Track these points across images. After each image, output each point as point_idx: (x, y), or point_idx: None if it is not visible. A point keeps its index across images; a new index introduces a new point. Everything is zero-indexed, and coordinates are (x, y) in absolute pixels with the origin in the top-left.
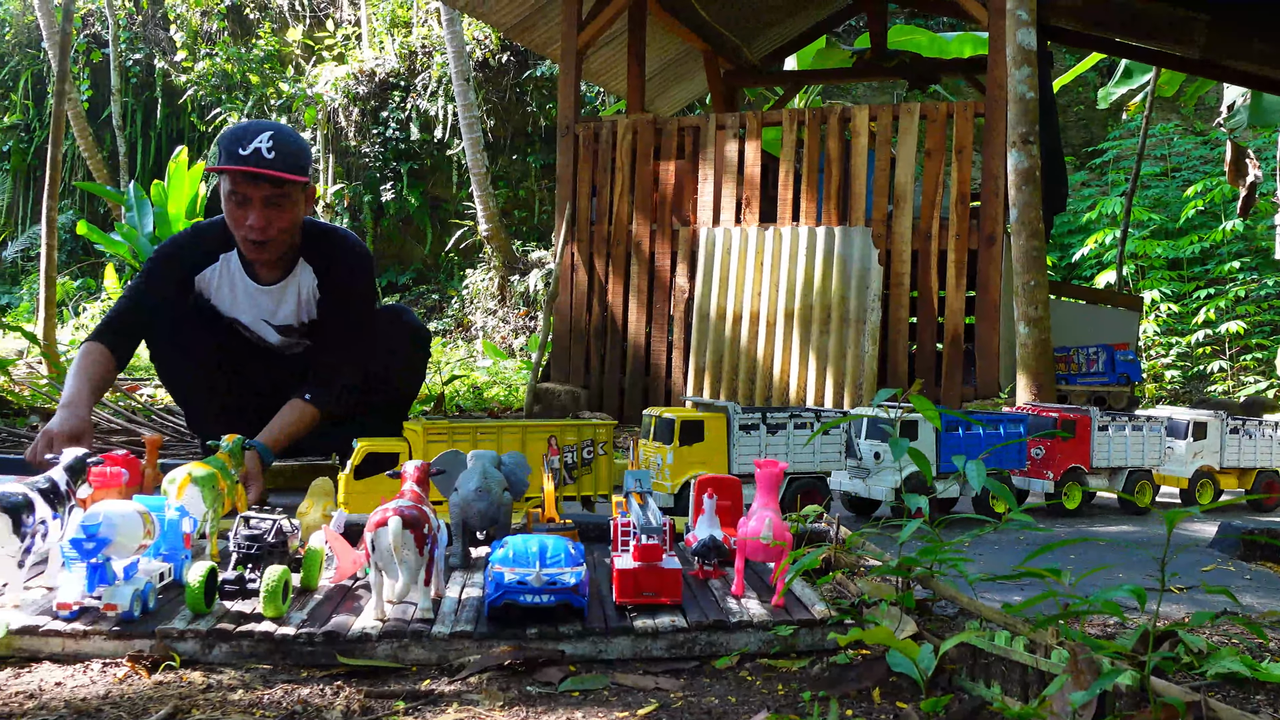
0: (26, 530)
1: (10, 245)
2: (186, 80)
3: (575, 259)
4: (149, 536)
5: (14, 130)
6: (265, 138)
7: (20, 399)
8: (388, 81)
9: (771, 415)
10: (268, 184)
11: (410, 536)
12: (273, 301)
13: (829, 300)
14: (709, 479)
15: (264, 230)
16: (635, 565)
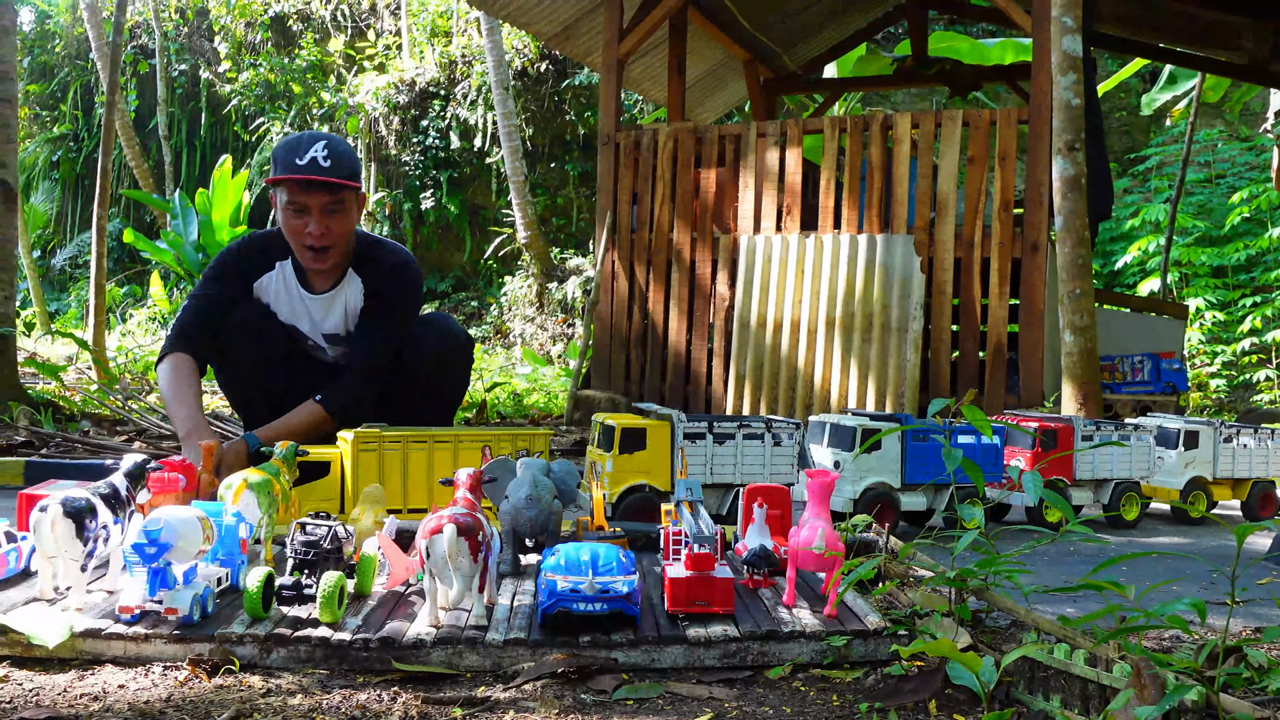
0: (89, 535)
1: (59, 253)
2: (230, 90)
3: (616, 267)
4: (208, 542)
5: (63, 140)
6: (320, 147)
7: (72, 404)
8: (428, 90)
9: (719, 425)
10: (324, 192)
11: (465, 544)
12: (322, 310)
13: (870, 308)
14: (758, 488)
15: (322, 237)
16: (687, 574)
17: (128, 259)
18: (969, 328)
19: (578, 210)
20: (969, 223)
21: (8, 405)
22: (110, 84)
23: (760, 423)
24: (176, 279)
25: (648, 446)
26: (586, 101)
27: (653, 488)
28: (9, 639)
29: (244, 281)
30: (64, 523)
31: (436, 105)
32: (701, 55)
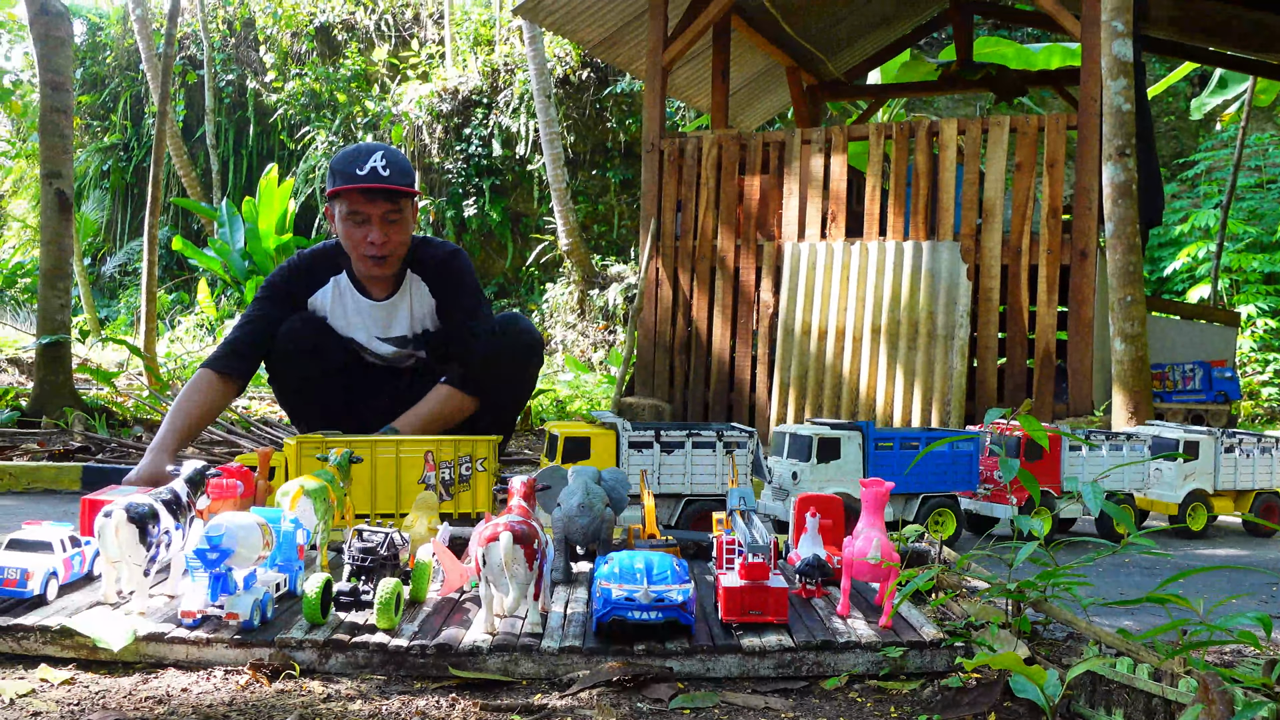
0: (152, 540)
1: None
2: (277, 100)
3: (660, 274)
4: (267, 548)
5: (113, 150)
6: (379, 157)
7: (124, 410)
8: (470, 99)
9: (666, 433)
10: (385, 201)
11: (521, 551)
12: (386, 316)
13: (916, 316)
14: (810, 497)
15: (384, 245)
16: (741, 583)
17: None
18: (1016, 335)
19: (619, 217)
20: (1016, 229)
21: (63, 411)
22: (162, 94)
23: (711, 431)
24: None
25: (591, 455)
26: (628, 109)
27: None
28: (75, 642)
29: (293, 301)
30: (128, 528)
31: (479, 113)
32: (745, 62)
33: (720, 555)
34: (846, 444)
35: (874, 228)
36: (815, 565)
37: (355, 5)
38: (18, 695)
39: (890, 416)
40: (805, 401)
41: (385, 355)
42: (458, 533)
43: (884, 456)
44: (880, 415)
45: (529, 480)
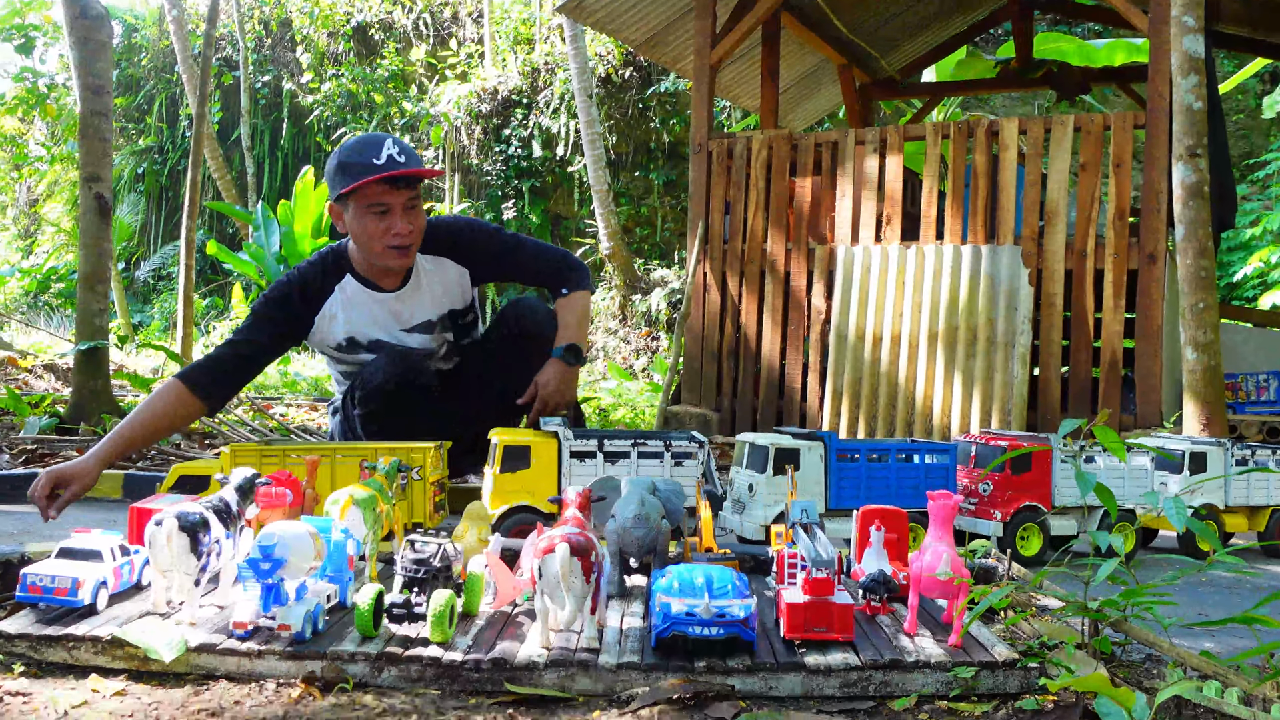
0: (203, 549)
1: (142, 265)
2: (313, 101)
3: (708, 278)
4: (319, 558)
5: (148, 152)
6: (391, 144)
7: None
8: (510, 99)
9: (610, 442)
10: (407, 188)
11: (578, 564)
12: (404, 306)
13: (976, 321)
14: (874, 510)
15: (409, 234)
16: (805, 599)
17: (209, 270)
18: (1081, 342)
19: (662, 220)
20: (1081, 232)
21: (101, 417)
22: (200, 96)
23: (658, 440)
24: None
25: (531, 464)
26: (672, 108)
27: (535, 510)
28: (126, 652)
29: (293, 324)
30: (179, 537)
31: (519, 114)
32: (795, 60)
33: (782, 570)
34: (806, 455)
35: (930, 231)
36: (881, 581)
37: (393, 4)
38: (71, 706)
39: (948, 426)
40: (859, 410)
41: (413, 346)
42: (509, 544)
43: (847, 469)
44: (937, 425)
45: (584, 490)
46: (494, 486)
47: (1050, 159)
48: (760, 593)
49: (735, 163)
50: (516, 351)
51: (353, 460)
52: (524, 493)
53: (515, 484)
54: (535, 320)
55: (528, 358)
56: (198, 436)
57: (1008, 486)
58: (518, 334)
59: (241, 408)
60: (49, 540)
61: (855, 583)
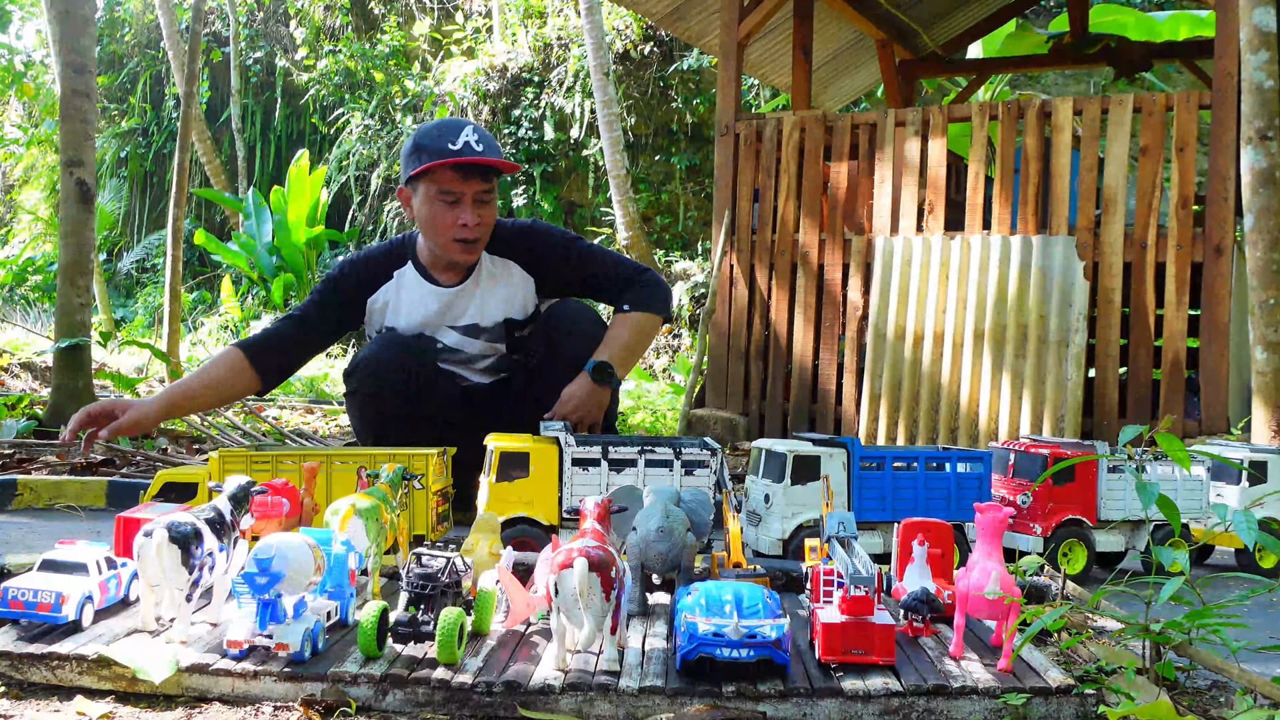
0: (195, 562)
1: (125, 256)
2: (308, 79)
3: (735, 271)
4: (319, 572)
5: (131, 135)
6: (470, 131)
7: None
8: (520, 77)
9: (616, 449)
10: (480, 178)
11: (597, 580)
12: (455, 303)
13: (1026, 319)
14: (917, 523)
15: (477, 228)
16: (842, 619)
17: (197, 262)
18: (1140, 342)
19: (685, 207)
20: (1141, 221)
21: None
22: (188, 74)
23: (667, 447)
24: (249, 284)
25: (530, 473)
26: (695, 87)
27: (534, 522)
28: (113, 672)
29: (351, 297)
30: (170, 549)
31: (530, 93)
32: (830, 35)
33: (817, 587)
34: (827, 463)
35: (977, 220)
36: (924, 600)
37: None
38: None
39: (995, 433)
40: (899, 414)
41: (451, 345)
42: (521, 558)
43: (871, 479)
44: (984, 431)
45: (604, 501)
46: (490, 496)
47: (1108, 142)
48: (794, 612)
49: (765, 146)
50: (553, 370)
51: (351, 467)
52: (522, 503)
53: (513, 494)
54: (571, 336)
55: (562, 377)
56: (185, 440)
57: (1048, 498)
58: (551, 354)
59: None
60: (31, 552)
61: (896, 601)
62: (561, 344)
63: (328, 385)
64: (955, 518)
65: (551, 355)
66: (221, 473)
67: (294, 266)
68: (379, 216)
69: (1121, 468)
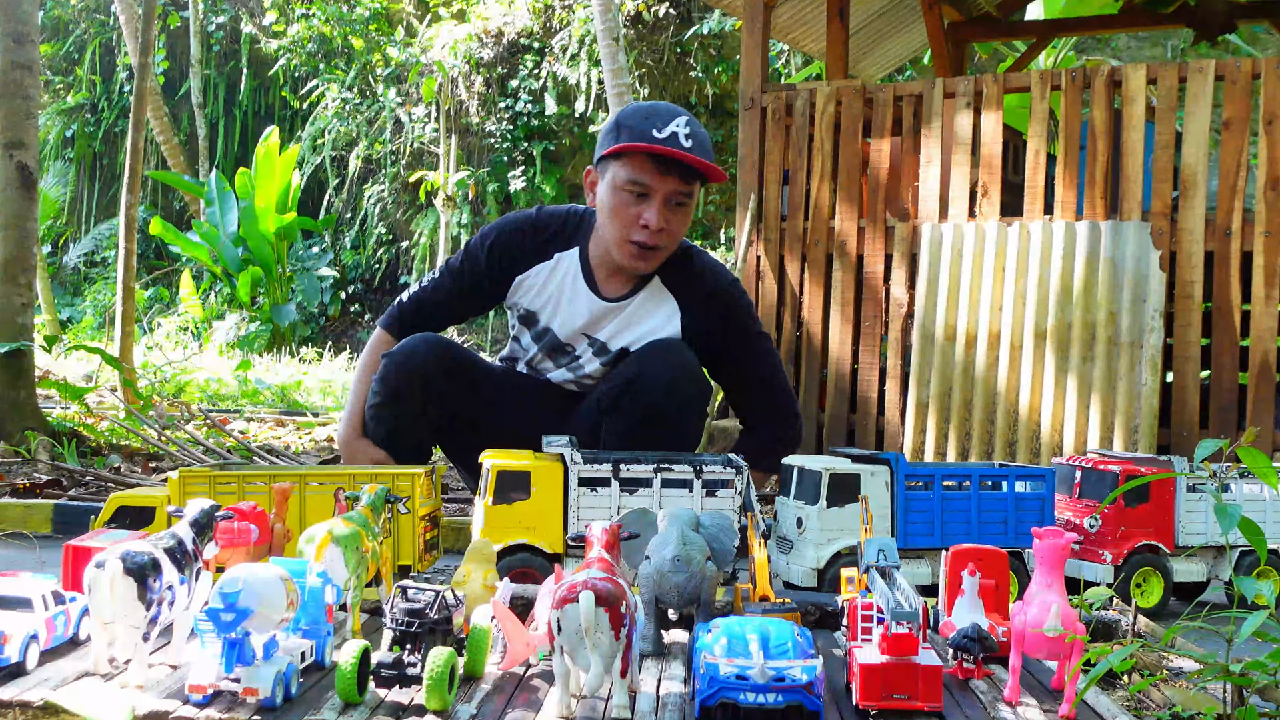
0: (153, 597)
1: (71, 248)
2: (278, 48)
3: (762, 263)
4: (291, 608)
5: (78, 111)
6: (683, 122)
7: (98, 434)
8: (518, 43)
9: (628, 467)
10: (679, 177)
11: (605, 616)
12: (612, 319)
13: (1094, 316)
14: (968, 551)
15: (660, 233)
16: (883, 659)
17: (153, 255)
18: (1224, 342)
19: (705, 191)
20: (1224, 205)
21: (25, 435)
22: (144, 42)
23: (687, 465)
24: (211, 280)
25: (531, 494)
26: (717, 54)
27: (535, 549)
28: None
29: (507, 264)
30: (124, 582)
31: (529, 61)
32: None
33: (854, 624)
34: (868, 482)
35: (1038, 204)
36: (975, 637)
37: None
38: None
39: (1059, 446)
40: (949, 426)
41: (583, 366)
42: (520, 591)
43: (918, 500)
44: (1046, 444)
45: (613, 526)
46: (486, 521)
47: (1186, 115)
48: (828, 652)
49: (796, 121)
50: (625, 421)
51: (328, 488)
52: (522, 529)
53: (512, 518)
54: (661, 394)
55: (636, 431)
56: (140, 458)
57: (1120, 521)
58: (629, 406)
59: (193, 423)
60: None
61: (944, 640)
62: (641, 397)
63: (300, 394)
64: (1012, 544)
65: (628, 398)
66: (182, 495)
67: (262, 259)
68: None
69: (1201, 486)
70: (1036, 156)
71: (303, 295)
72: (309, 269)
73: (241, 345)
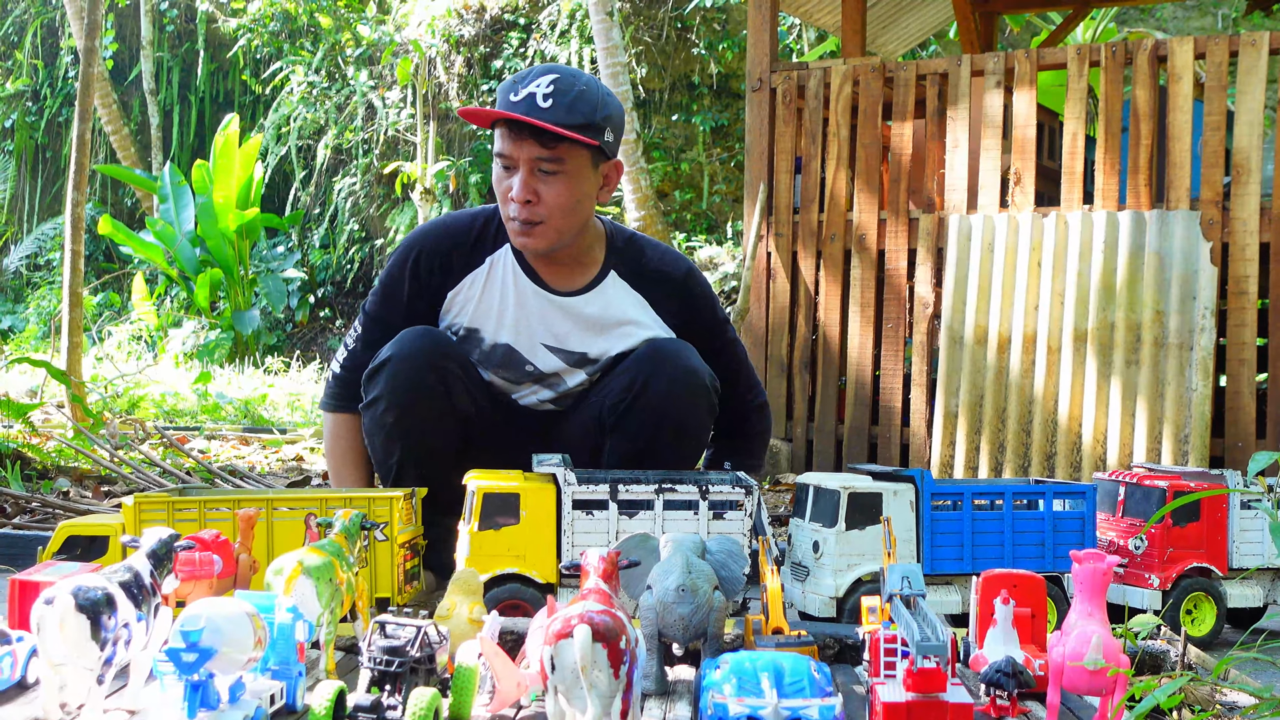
0: (107, 636)
1: (12, 251)
2: (237, 27)
3: (773, 259)
4: (259, 646)
5: (18, 99)
6: (546, 81)
7: (44, 455)
8: (501, 19)
9: (627, 488)
10: (535, 142)
11: (603, 652)
12: (567, 318)
13: (1138, 316)
14: (1001, 576)
15: (528, 206)
16: (908, 697)
17: (102, 257)
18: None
19: (709, 180)
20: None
21: None
22: (90, 23)
23: (691, 485)
24: (166, 284)
25: (521, 518)
26: (721, 29)
27: (526, 579)
28: None
29: (424, 290)
30: (76, 619)
31: (514, 39)
32: None
33: (877, 658)
34: (891, 502)
35: (1075, 192)
36: (1010, 672)
37: None
38: None
39: (1101, 459)
40: (980, 438)
41: (547, 370)
42: (510, 625)
43: (946, 520)
44: (1087, 457)
45: (611, 554)
46: (471, 548)
47: (1238, 92)
48: (848, 689)
49: (809, 103)
50: (634, 438)
51: (298, 514)
52: (511, 557)
53: (500, 544)
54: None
55: (645, 448)
56: (91, 481)
57: (1168, 542)
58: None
59: (148, 442)
60: None
61: (976, 674)
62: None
63: (265, 409)
64: (1050, 569)
65: (640, 403)
66: (137, 523)
67: (222, 260)
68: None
69: (1257, 503)
70: (1074, 140)
71: (267, 299)
72: (274, 270)
73: (200, 355)
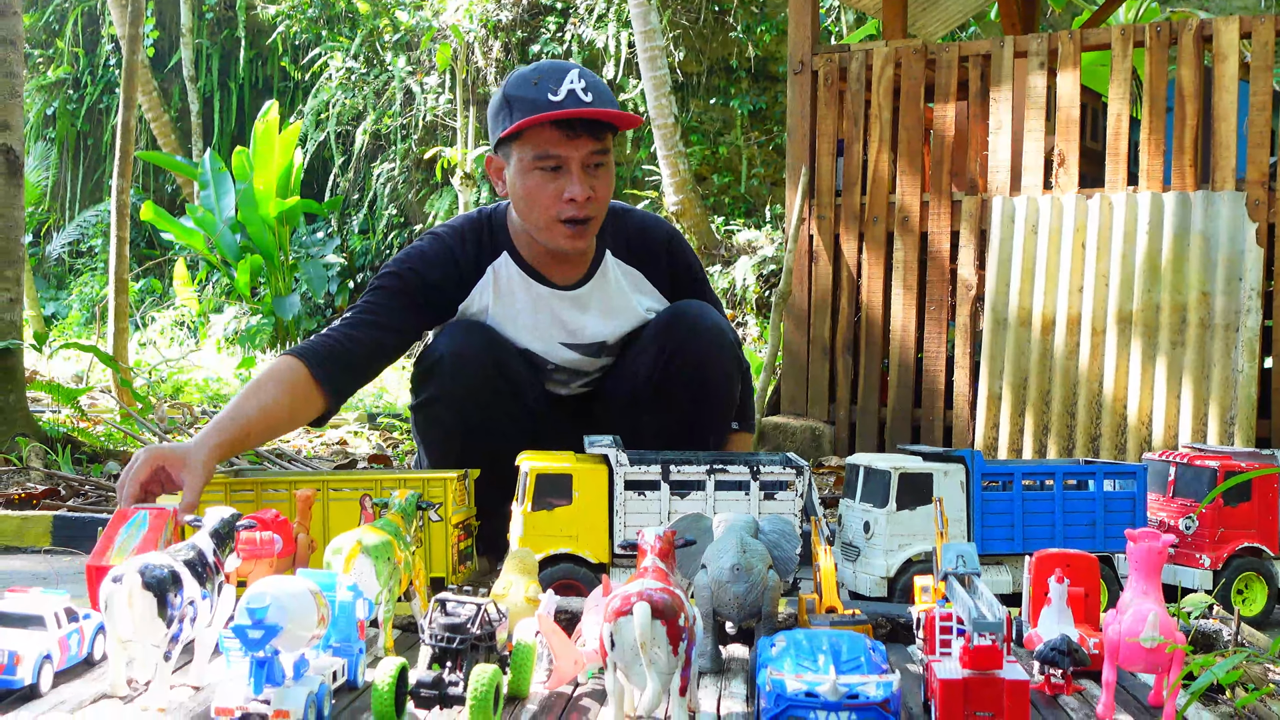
0: (174, 613)
1: (55, 238)
2: (276, 13)
3: (815, 242)
4: (322, 624)
5: (60, 87)
6: (575, 75)
7: (93, 439)
8: (539, 5)
9: (678, 469)
10: (590, 136)
11: (662, 630)
12: (579, 311)
13: (1184, 297)
14: (1054, 556)
15: (587, 204)
16: (964, 674)
17: (143, 244)
18: None
19: (748, 164)
20: None
21: (16, 442)
22: (133, 11)
23: (742, 465)
24: (207, 269)
25: (574, 499)
26: (760, 12)
27: (579, 559)
28: None
29: (434, 302)
30: (143, 597)
31: (552, 23)
32: None
33: (932, 636)
34: (942, 482)
35: (1120, 173)
36: (1064, 650)
37: None
38: None
39: (1149, 439)
40: (1024, 420)
41: (565, 365)
42: (564, 604)
43: (996, 501)
44: (1134, 438)
45: (667, 534)
46: (524, 529)
47: None
48: (903, 667)
49: (850, 86)
50: (674, 399)
51: (352, 495)
52: (564, 537)
53: (552, 525)
54: (709, 368)
55: (687, 415)
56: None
57: (1219, 522)
58: (683, 380)
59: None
60: None
61: (1030, 652)
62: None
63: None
64: (1101, 548)
65: (667, 373)
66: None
67: (262, 246)
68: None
69: None
70: (1118, 121)
71: (307, 285)
72: (314, 256)
73: (242, 341)
